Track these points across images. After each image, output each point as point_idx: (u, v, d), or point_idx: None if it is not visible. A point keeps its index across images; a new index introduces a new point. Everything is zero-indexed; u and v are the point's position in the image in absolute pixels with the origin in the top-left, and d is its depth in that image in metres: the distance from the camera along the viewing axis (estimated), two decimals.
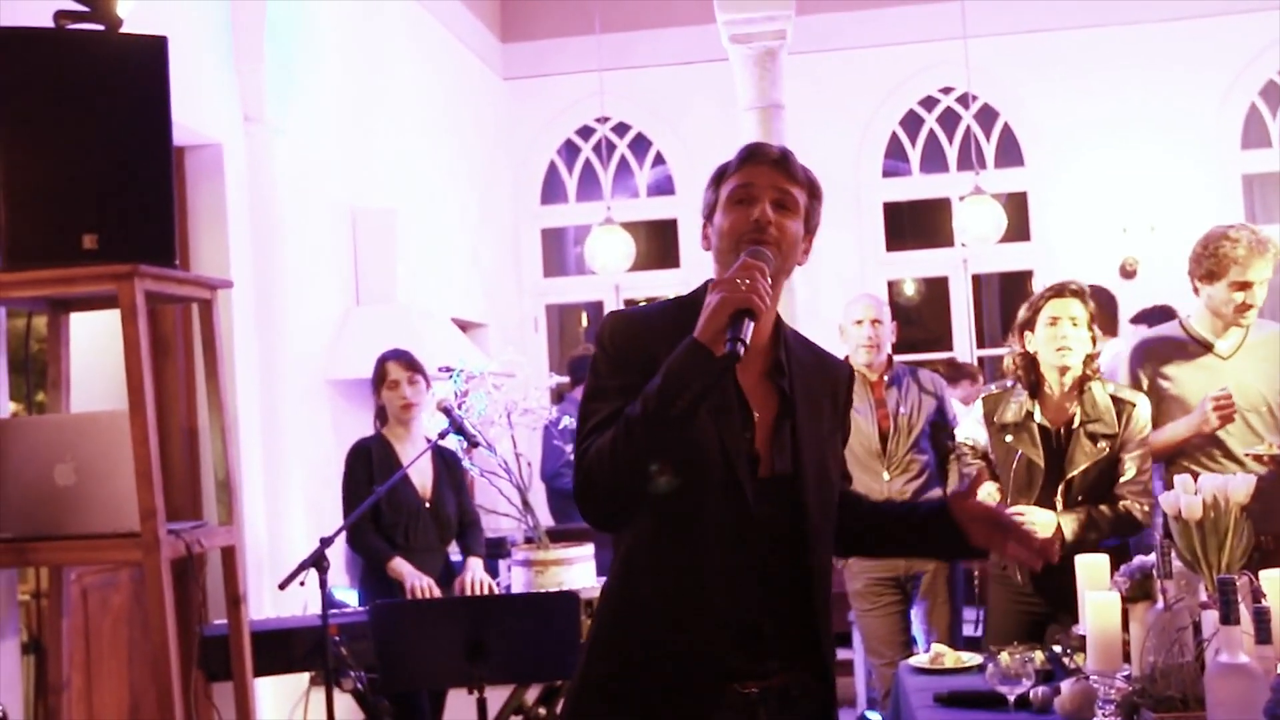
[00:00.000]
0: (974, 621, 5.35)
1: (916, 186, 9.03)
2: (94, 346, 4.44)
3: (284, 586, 3.91)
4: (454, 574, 4.92)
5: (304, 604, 4.52)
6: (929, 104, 8.89)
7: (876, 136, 8.88)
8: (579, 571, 4.52)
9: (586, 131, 9.11)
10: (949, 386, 5.57)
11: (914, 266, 9.30)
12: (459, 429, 4.45)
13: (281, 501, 5.30)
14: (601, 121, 8.91)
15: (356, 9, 6.59)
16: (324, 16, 6.17)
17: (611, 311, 2.33)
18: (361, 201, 6.46)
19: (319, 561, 3.88)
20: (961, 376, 7.11)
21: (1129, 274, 8.36)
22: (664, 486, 2.06)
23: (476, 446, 4.58)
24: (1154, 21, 8.38)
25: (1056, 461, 3.92)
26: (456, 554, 5.02)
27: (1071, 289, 3.96)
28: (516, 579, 4.59)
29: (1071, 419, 3.94)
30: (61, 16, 3.48)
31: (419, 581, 4.65)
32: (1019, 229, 8.38)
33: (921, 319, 10.19)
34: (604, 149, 9.02)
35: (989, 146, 8.79)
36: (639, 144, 9.16)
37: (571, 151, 9.27)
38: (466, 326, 7.63)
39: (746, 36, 6.24)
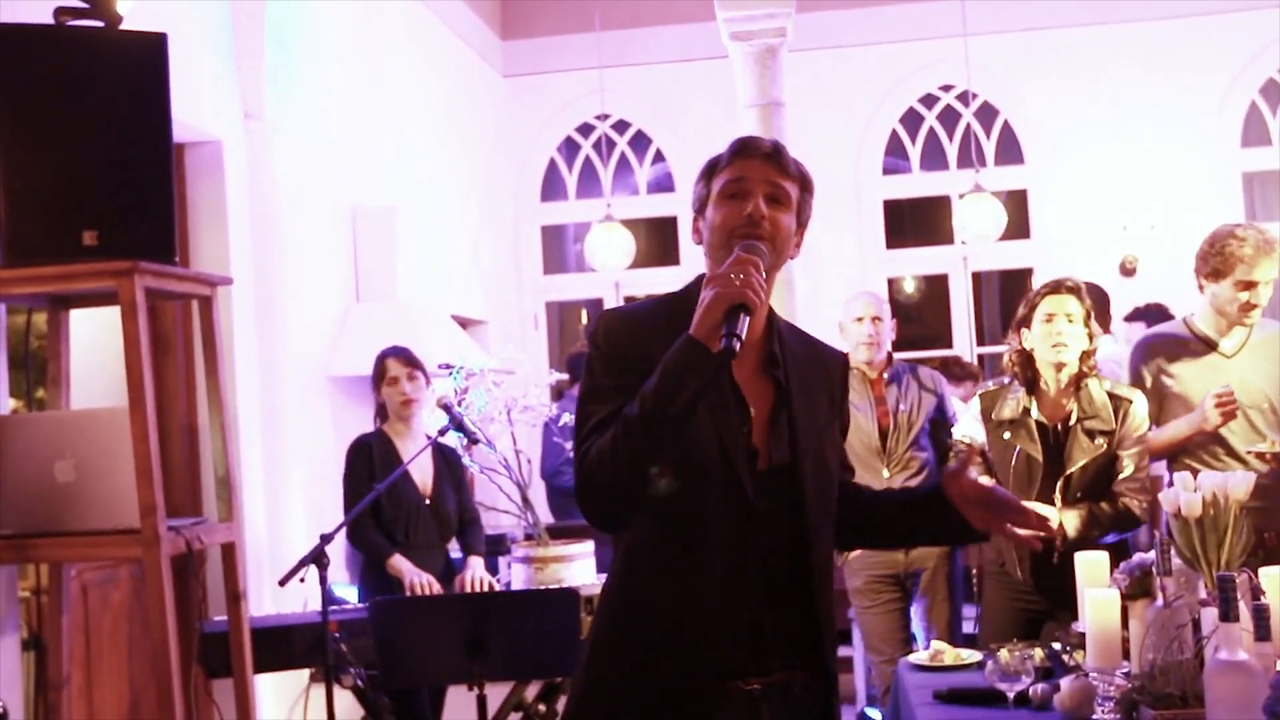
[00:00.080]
0: (973, 619, 5.34)
1: (916, 184, 9.02)
2: (94, 343, 4.43)
3: (284, 583, 3.91)
4: (454, 572, 4.91)
5: (304, 600, 4.53)
6: (929, 102, 8.87)
7: (876, 134, 8.87)
8: (579, 568, 4.52)
9: (586, 129, 9.10)
10: (953, 385, 5.57)
11: (914, 264, 9.30)
12: (459, 426, 4.45)
13: (281, 498, 5.30)
14: (601, 119, 8.90)
15: (357, 7, 6.58)
16: (324, 14, 6.17)
17: (604, 310, 2.32)
18: (361, 199, 6.46)
19: (319, 558, 3.89)
20: (966, 376, 7.11)
21: (1129, 272, 8.36)
22: (665, 488, 2.06)
23: (476, 443, 4.59)
24: (1154, 19, 8.37)
25: (1055, 458, 3.93)
26: (456, 551, 5.02)
27: (1067, 285, 3.96)
28: (516, 576, 4.59)
29: (1068, 415, 3.94)
30: (61, 13, 3.48)
31: (418, 579, 4.65)
32: (1019, 227, 8.37)
33: (921, 316, 10.19)
34: (604, 146, 9.00)
35: (989, 144, 8.77)
36: (639, 141, 9.15)
37: (571, 149, 9.25)
38: (466, 323, 7.61)
39: (747, 34, 6.23)
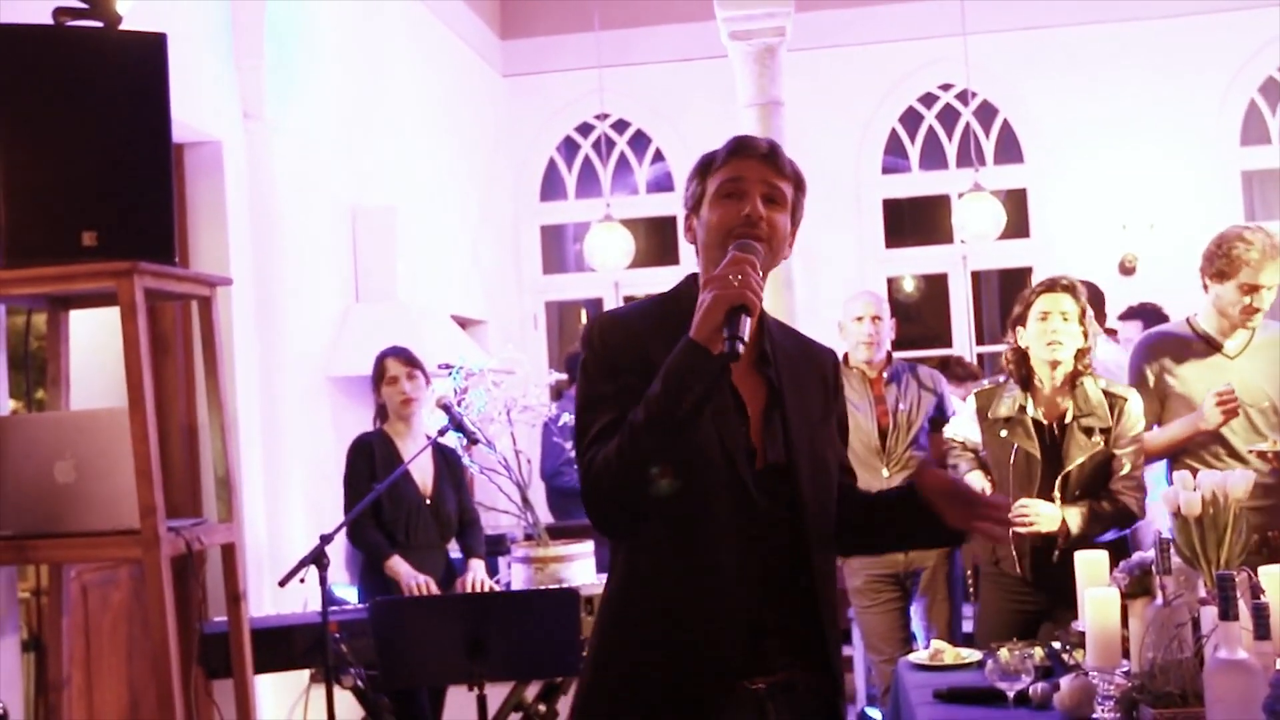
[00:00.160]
0: (973, 618, 5.36)
1: (916, 183, 9.02)
2: (94, 344, 4.43)
3: (284, 583, 3.91)
4: (455, 573, 4.92)
5: (304, 601, 4.53)
6: (928, 101, 8.87)
7: (876, 133, 8.87)
8: (579, 568, 4.52)
9: (586, 128, 9.10)
10: (955, 385, 5.57)
11: (913, 263, 9.30)
12: (458, 426, 4.45)
13: (281, 499, 5.30)
14: (601, 118, 8.90)
15: (356, 6, 6.58)
16: (324, 14, 6.17)
17: (596, 315, 2.29)
18: (361, 199, 6.46)
19: (319, 559, 3.89)
20: (968, 376, 7.11)
21: (1128, 270, 8.36)
22: (666, 488, 2.04)
23: (476, 443, 4.59)
24: (1153, 18, 8.36)
25: (1053, 456, 3.93)
26: (456, 552, 5.02)
27: (1063, 284, 3.96)
28: (516, 576, 4.59)
29: (1064, 414, 3.95)
30: (61, 13, 3.47)
31: (415, 580, 4.65)
32: (1018, 226, 8.36)
33: (921, 316, 10.18)
34: (603, 146, 8.99)
35: (988, 143, 8.77)
36: (638, 141, 9.15)
37: (571, 148, 9.25)
38: (466, 323, 7.62)
39: (746, 33, 6.24)
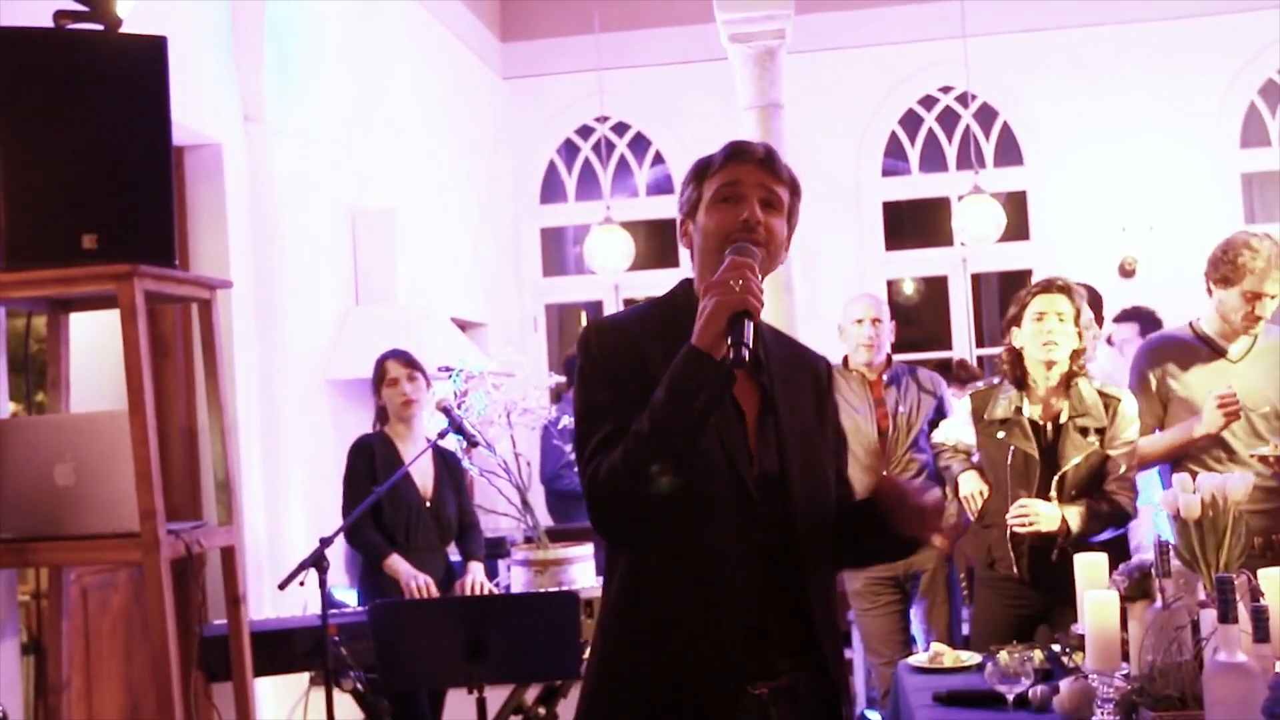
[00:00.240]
0: (968, 621, 5.36)
1: (916, 186, 9.02)
2: (93, 346, 4.43)
3: (284, 586, 3.91)
4: (454, 576, 4.93)
5: (304, 604, 4.52)
6: (928, 103, 8.87)
7: (876, 136, 8.87)
8: (578, 571, 4.50)
9: (586, 131, 9.10)
10: (958, 389, 5.56)
11: (913, 266, 9.30)
12: (458, 429, 4.44)
13: (281, 501, 5.30)
14: (601, 121, 8.90)
15: (356, 8, 6.59)
16: (324, 16, 6.17)
17: (591, 322, 2.27)
18: (361, 201, 6.46)
19: (319, 561, 3.89)
20: (971, 379, 7.11)
21: (1128, 273, 8.35)
22: (667, 486, 2.02)
23: (476, 446, 4.58)
24: (1153, 20, 8.36)
25: (1049, 456, 3.94)
26: (456, 555, 5.02)
27: (1058, 285, 3.97)
28: (516, 579, 4.58)
29: (1059, 414, 3.96)
30: (61, 16, 3.48)
31: (415, 581, 4.66)
32: (1018, 228, 8.36)
33: (921, 318, 10.18)
34: (603, 148, 9.00)
35: (988, 146, 8.77)
36: (638, 143, 9.15)
37: (571, 151, 9.25)
38: (466, 326, 7.62)
39: (746, 36, 6.22)
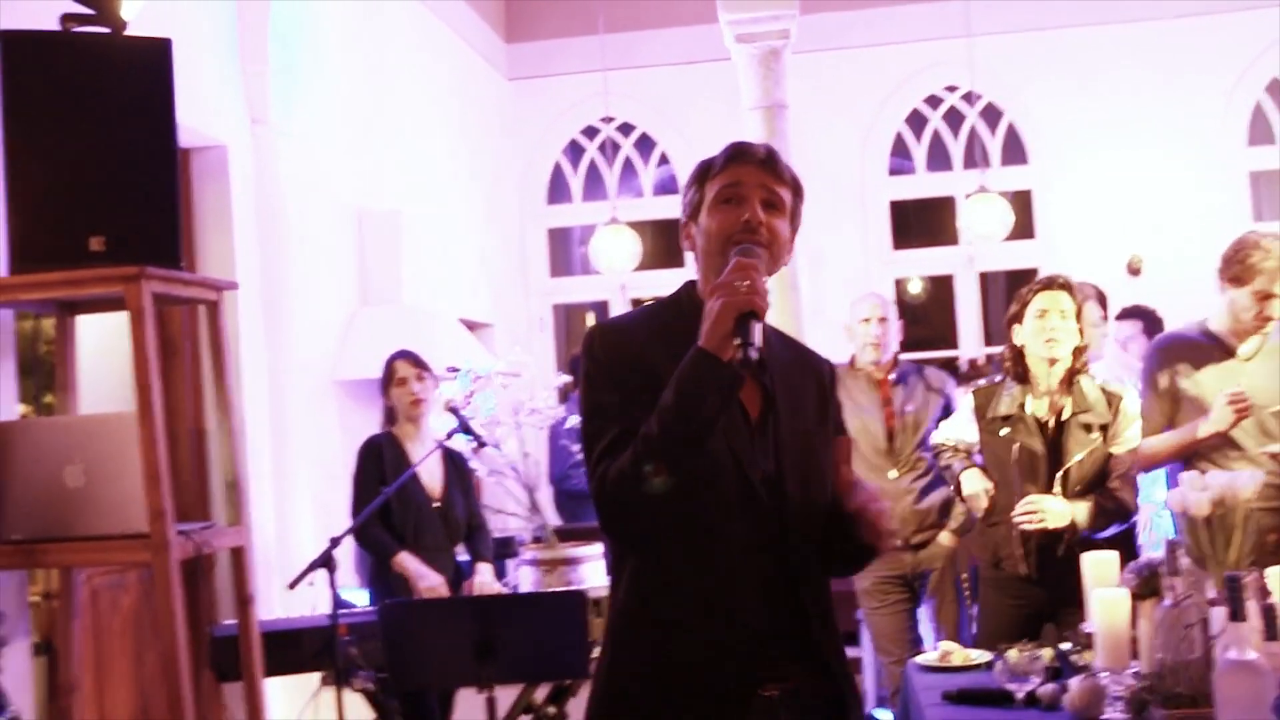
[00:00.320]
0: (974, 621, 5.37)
1: (922, 185, 9.02)
2: (102, 348, 4.44)
3: (293, 586, 3.94)
4: (463, 576, 4.94)
5: (313, 604, 4.54)
6: (934, 103, 8.86)
7: (881, 135, 8.86)
8: (587, 570, 4.50)
9: (591, 131, 9.11)
10: (970, 388, 5.56)
11: (920, 265, 9.28)
12: (466, 429, 4.46)
13: (290, 502, 5.30)
14: (606, 121, 8.90)
15: (361, 10, 6.60)
16: (329, 18, 6.18)
17: (595, 325, 2.26)
18: (367, 202, 6.46)
19: (328, 561, 3.91)
20: (980, 377, 7.11)
21: (1135, 271, 8.33)
22: (661, 486, 2.01)
23: (484, 446, 4.59)
24: (1158, 19, 8.35)
25: (1052, 452, 3.95)
26: (463, 555, 5.03)
27: (1059, 282, 3.99)
28: (524, 578, 4.59)
29: (1062, 410, 3.96)
30: (68, 19, 3.49)
31: (425, 582, 4.67)
32: (1024, 227, 8.35)
33: (927, 317, 10.19)
34: (609, 149, 9.01)
35: (994, 144, 8.77)
36: (643, 144, 9.15)
37: (576, 151, 9.25)
38: (473, 327, 7.61)
39: (750, 36, 6.21)
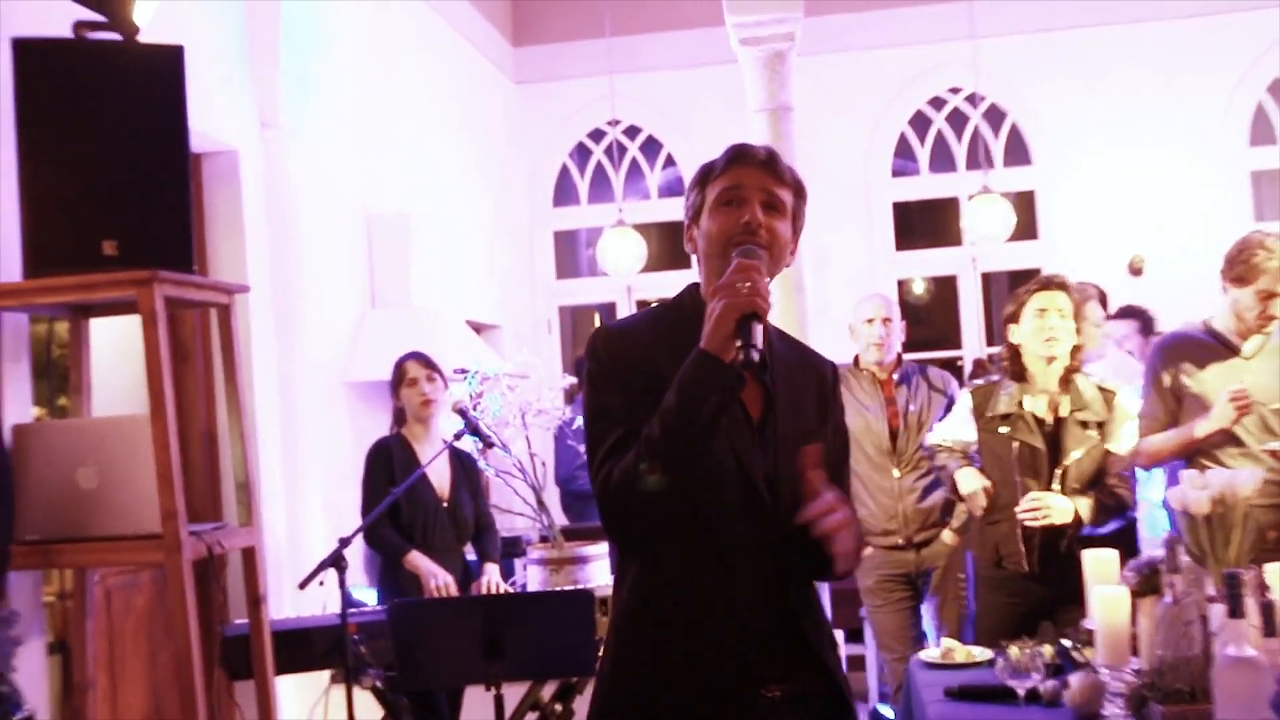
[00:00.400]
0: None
1: (925, 186, 9.03)
2: (115, 352, 4.46)
3: (304, 586, 3.93)
4: (471, 575, 4.97)
5: (323, 603, 4.53)
6: (937, 104, 8.88)
7: (885, 137, 8.88)
8: (594, 569, 4.51)
9: (598, 134, 9.14)
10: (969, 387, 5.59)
11: (923, 265, 9.29)
12: (474, 430, 4.46)
13: (300, 502, 5.31)
14: (612, 124, 8.93)
15: (370, 15, 6.61)
16: (338, 23, 6.20)
17: (598, 327, 2.26)
18: (376, 206, 6.47)
19: (338, 561, 3.91)
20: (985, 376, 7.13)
21: (1137, 271, 8.34)
22: (655, 484, 2.01)
23: (491, 447, 4.61)
24: (1160, 20, 8.36)
25: (1051, 449, 3.98)
26: (472, 554, 5.06)
27: (1057, 282, 4.03)
28: (532, 577, 4.59)
29: (1059, 408, 4.00)
30: (81, 27, 3.51)
31: (435, 581, 4.69)
32: (1027, 227, 8.36)
33: (931, 317, 10.20)
34: (615, 151, 9.03)
35: (997, 146, 8.78)
36: (650, 146, 9.17)
37: (583, 154, 9.28)
38: (480, 328, 7.64)
39: (755, 39, 6.21)
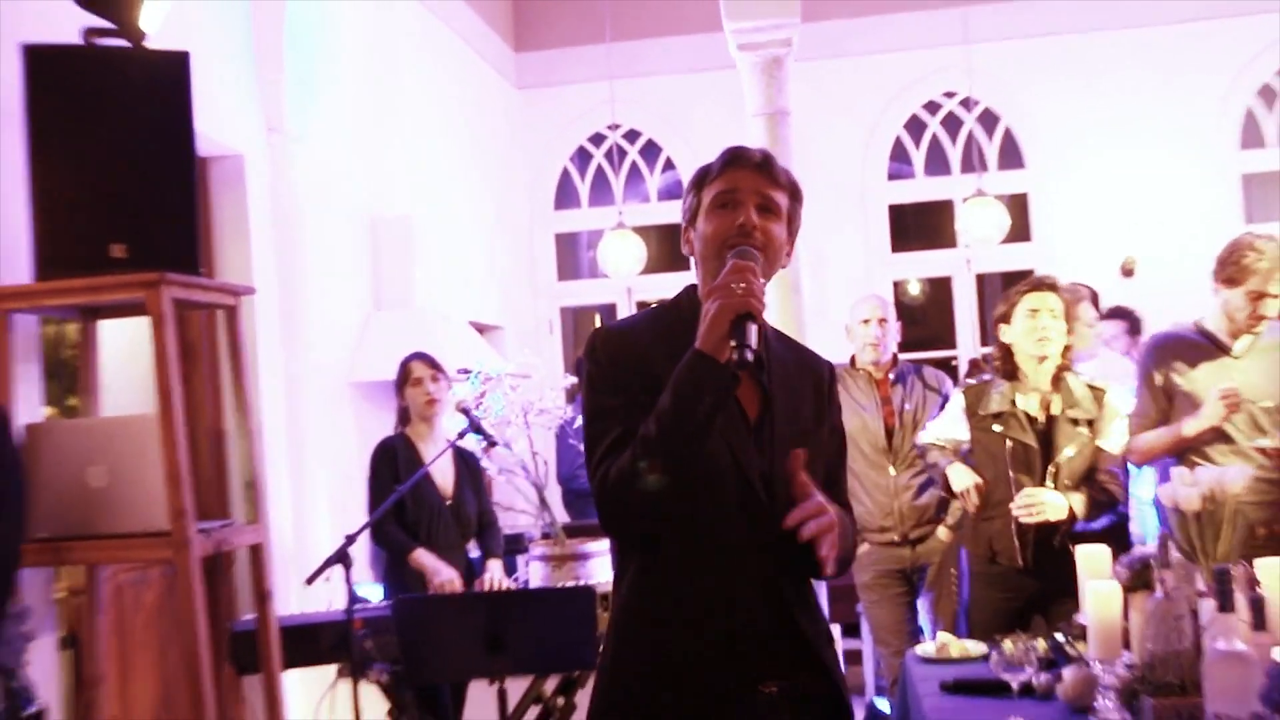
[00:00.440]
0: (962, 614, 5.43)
1: (920, 189, 9.07)
2: (123, 352, 4.48)
3: (310, 582, 3.98)
4: (475, 573, 5.00)
5: (329, 599, 4.59)
6: (932, 108, 8.92)
7: (881, 140, 8.93)
8: (595, 566, 4.55)
9: (598, 138, 9.19)
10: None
11: (918, 267, 9.32)
12: (477, 429, 4.50)
13: (306, 500, 5.33)
14: (613, 128, 8.98)
15: (374, 22, 6.64)
16: (342, 30, 6.22)
17: (597, 328, 2.26)
18: (380, 209, 6.50)
19: (343, 558, 3.95)
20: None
21: (1128, 273, 8.38)
22: (653, 484, 2.02)
23: (494, 446, 4.64)
24: (1151, 26, 8.40)
25: (1044, 447, 4.03)
26: (476, 551, 5.09)
27: (1047, 283, 4.09)
28: (534, 574, 4.64)
29: (1051, 406, 4.05)
30: (90, 33, 3.54)
31: (440, 577, 4.73)
32: (1020, 230, 8.38)
33: (926, 318, 10.24)
34: (615, 155, 9.08)
35: (991, 149, 8.82)
36: (649, 150, 9.21)
37: (584, 158, 9.32)
38: (483, 329, 7.66)
39: (753, 45, 6.21)
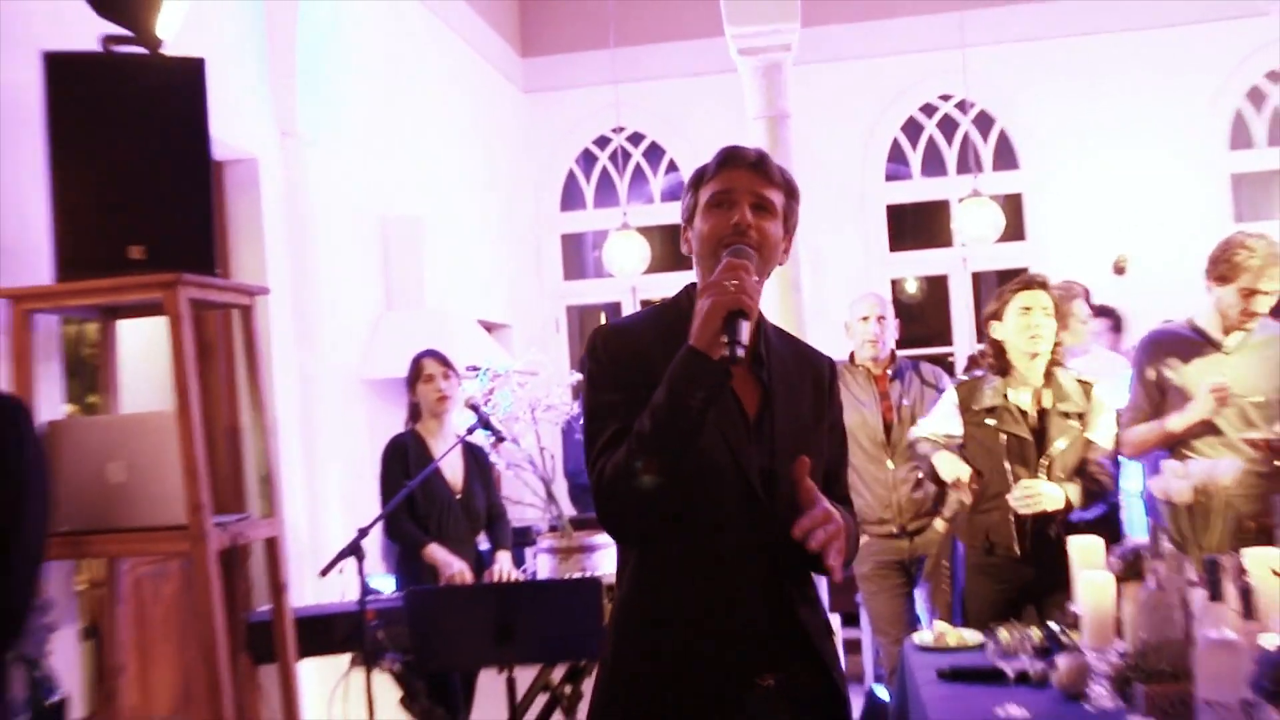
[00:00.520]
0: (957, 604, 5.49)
1: (917, 189, 9.11)
2: (142, 351, 4.53)
3: (324, 574, 4.03)
4: (484, 564, 5.05)
5: (342, 591, 4.61)
6: (929, 111, 8.98)
7: (879, 142, 8.99)
8: (601, 558, 4.60)
9: (603, 141, 9.24)
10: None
11: (916, 266, 9.36)
12: (486, 425, 4.55)
13: (320, 494, 5.37)
14: (617, 131, 9.01)
15: (384, 28, 6.68)
16: (354, 36, 6.26)
17: (598, 327, 2.27)
18: (390, 210, 6.53)
19: (356, 550, 4.00)
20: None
21: (1120, 271, 8.42)
22: (650, 484, 2.03)
23: (503, 441, 4.68)
24: (1143, 29, 8.45)
25: (1037, 440, 4.08)
26: (485, 543, 5.14)
27: (1038, 281, 4.13)
28: (542, 565, 4.70)
29: (1043, 400, 4.11)
30: (108, 40, 3.59)
31: (452, 569, 4.78)
32: (1015, 229, 8.42)
33: (923, 316, 10.28)
34: (620, 158, 9.14)
35: (986, 150, 8.87)
36: (653, 152, 9.27)
37: (589, 160, 9.38)
38: (491, 328, 7.71)
39: (754, 49, 6.22)
